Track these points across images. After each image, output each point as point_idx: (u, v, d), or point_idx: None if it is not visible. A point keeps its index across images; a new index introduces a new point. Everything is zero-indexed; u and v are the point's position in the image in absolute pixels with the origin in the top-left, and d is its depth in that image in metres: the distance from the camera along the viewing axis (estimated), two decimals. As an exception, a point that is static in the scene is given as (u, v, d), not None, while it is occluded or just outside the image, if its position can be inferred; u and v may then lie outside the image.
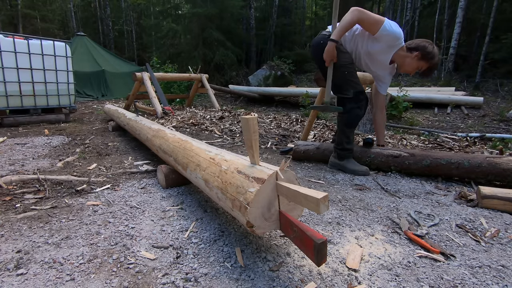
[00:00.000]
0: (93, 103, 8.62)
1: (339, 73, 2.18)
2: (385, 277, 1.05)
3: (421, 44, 2.09)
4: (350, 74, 2.20)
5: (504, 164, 1.90)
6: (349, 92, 2.19)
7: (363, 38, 2.16)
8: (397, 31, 2.03)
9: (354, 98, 2.19)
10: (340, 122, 2.32)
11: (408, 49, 2.11)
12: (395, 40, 2.06)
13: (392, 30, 2.02)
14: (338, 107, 2.22)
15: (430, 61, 2.09)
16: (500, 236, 1.36)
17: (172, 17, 14.45)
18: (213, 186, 1.24)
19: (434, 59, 2.08)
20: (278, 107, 8.50)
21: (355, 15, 2.00)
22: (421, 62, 2.10)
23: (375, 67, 2.26)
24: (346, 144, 2.30)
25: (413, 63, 2.12)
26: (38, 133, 3.86)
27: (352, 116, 2.24)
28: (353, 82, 2.21)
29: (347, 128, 2.29)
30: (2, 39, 4.13)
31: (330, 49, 2.08)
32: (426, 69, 2.13)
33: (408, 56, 2.12)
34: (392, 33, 2.02)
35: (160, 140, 2.08)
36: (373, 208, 1.66)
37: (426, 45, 2.08)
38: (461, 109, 6.43)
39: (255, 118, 1.04)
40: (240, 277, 1.03)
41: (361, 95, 2.22)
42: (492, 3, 8.52)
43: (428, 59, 2.08)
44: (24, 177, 1.97)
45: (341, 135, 2.32)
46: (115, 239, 1.28)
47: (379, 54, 2.15)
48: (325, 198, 0.87)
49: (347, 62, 2.19)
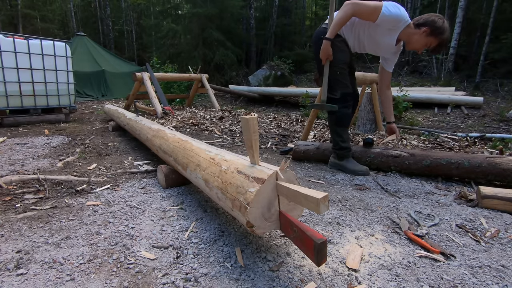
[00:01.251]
0: (93, 103, 8.61)
1: (331, 72, 2.17)
2: (385, 277, 1.05)
3: (429, 19, 1.96)
4: (341, 74, 2.19)
5: (504, 164, 1.90)
6: (336, 93, 2.19)
7: (364, 26, 2.12)
8: (397, 12, 1.95)
9: (341, 99, 2.19)
10: (331, 122, 2.33)
11: (416, 25, 2.00)
12: (398, 22, 1.99)
13: (392, 13, 1.94)
14: (333, 105, 2.22)
15: (439, 36, 1.96)
16: (500, 236, 1.36)
17: (172, 17, 14.45)
18: (213, 186, 1.24)
19: (444, 34, 1.96)
20: (278, 107, 8.50)
21: (349, 9, 1.97)
22: (430, 38, 1.99)
23: (381, 50, 2.22)
24: (342, 143, 2.30)
25: (421, 40, 2.01)
26: (38, 133, 3.86)
27: (340, 114, 2.23)
28: (342, 83, 2.19)
29: (338, 127, 2.29)
30: (2, 39, 4.13)
31: (325, 48, 2.07)
32: (436, 45, 2.02)
33: (416, 33, 2.01)
34: (393, 16, 1.95)
35: (160, 140, 2.08)
36: (373, 208, 1.66)
37: (435, 20, 1.95)
38: (461, 109, 6.42)
39: (255, 118, 1.04)
40: (240, 277, 1.03)
41: (348, 96, 2.21)
42: (492, 3, 8.51)
43: (437, 34, 1.96)
44: (24, 177, 1.97)
45: (334, 135, 2.33)
46: (115, 239, 1.28)
47: (384, 38, 2.09)
48: (325, 198, 0.86)
49: (342, 61, 2.17)
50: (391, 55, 2.27)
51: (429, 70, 9.84)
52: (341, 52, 2.17)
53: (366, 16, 2.01)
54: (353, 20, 2.14)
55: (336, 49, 2.12)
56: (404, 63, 10.48)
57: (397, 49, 2.22)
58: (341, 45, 2.19)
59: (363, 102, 3.91)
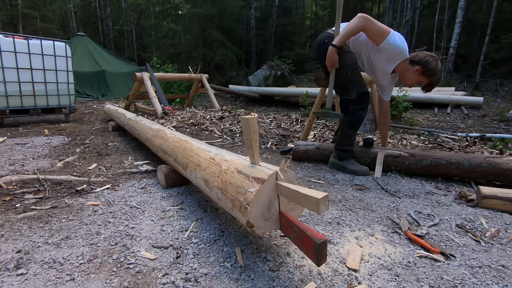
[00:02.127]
0: (93, 103, 8.62)
1: (342, 74, 2.14)
2: (385, 277, 1.05)
3: (424, 59, 2.02)
4: (353, 74, 2.16)
5: (504, 164, 1.91)
6: (352, 94, 2.16)
7: (367, 45, 2.12)
8: (400, 45, 1.98)
9: (357, 100, 2.16)
10: (344, 124, 2.28)
11: (411, 61, 2.05)
12: (398, 54, 2.01)
13: (396, 43, 1.97)
14: (338, 113, 2.20)
15: (430, 77, 2.04)
16: (500, 236, 1.36)
17: (172, 17, 14.45)
18: (213, 186, 1.24)
19: (435, 76, 2.02)
20: (278, 107, 8.50)
21: (362, 21, 1.95)
22: (421, 77, 2.06)
23: (377, 73, 2.23)
24: (347, 145, 2.29)
25: (413, 77, 2.08)
26: (38, 133, 3.86)
27: (356, 117, 2.20)
28: (356, 83, 2.17)
29: (351, 129, 2.26)
30: (2, 39, 4.13)
31: (330, 55, 2.05)
32: (426, 84, 2.09)
33: (409, 69, 2.07)
34: (395, 47, 1.98)
35: (160, 140, 2.08)
36: (373, 208, 1.66)
37: (429, 61, 2.01)
38: (461, 109, 6.42)
39: (255, 118, 1.04)
40: (240, 277, 1.03)
41: (364, 96, 2.18)
42: (492, 3, 8.51)
43: (428, 75, 2.03)
44: (24, 177, 1.97)
45: (343, 136, 2.29)
46: (115, 239, 1.28)
47: (381, 64, 2.12)
48: (325, 198, 0.86)
49: (351, 62, 2.15)
50: (387, 84, 2.29)
51: (429, 70, 9.83)
52: (348, 54, 2.15)
53: (373, 35, 2.00)
54: (359, 35, 2.13)
55: (342, 52, 2.09)
56: (404, 63, 10.45)
57: (392, 79, 2.25)
58: (347, 48, 2.18)
59: (363, 102, 3.90)
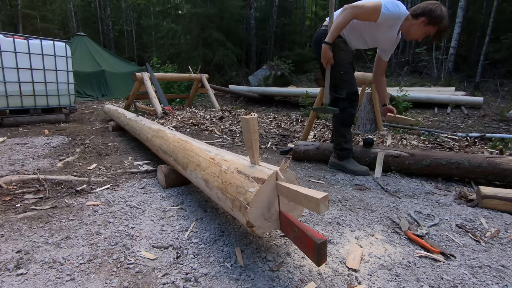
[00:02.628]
0: (93, 103, 8.62)
1: (335, 71, 2.18)
2: (385, 277, 1.05)
3: (427, 9, 1.96)
4: (346, 74, 2.20)
5: (504, 164, 1.90)
6: (342, 92, 2.20)
7: (365, 26, 2.13)
8: (396, 10, 1.97)
9: (347, 99, 2.20)
10: (335, 122, 2.33)
11: (414, 15, 2.01)
12: (397, 20, 2.02)
13: (391, 11, 1.96)
14: (334, 108, 2.22)
15: (438, 25, 1.97)
16: (500, 236, 1.36)
17: (172, 17, 14.45)
18: (213, 186, 1.24)
19: (442, 22, 1.96)
20: (278, 107, 8.50)
21: (348, 13, 1.98)
22: (428, 27, 2.00)
23: (382, 43, 2.24)
24: (344, 143, 2.30)
25: (420, 30, 2.02)
26: (38, 133, 3.86)
27: (346, 115, 2.24)
28: (347, 82, 2.20)
29: (342, 127, 2.29)
30: (2, 39, 4.13)
31: (324, 52, 2.08)
32: (435, 33, 2.03)
33: (414, 24, 2.02)
34: (392, 14, 1.97)
35: (160, 140, 2.08)
36: (373, 208, 1.66)
37: (432, 9, 1.95)
38: (461, 109, 6.42)
39: (255, 118, 1.04)
40: (240, 277, 1.03)
41: (354, 96, 2.22)
42: (492, 3, 8.51)
43: (436, 23, 1.97)
44: (24, 177, 1.97)
45: (337, 135, 2.33)
46: (115, 239, 1.28)
47: (385, 34, 2.11)
48: (325, 198, 0.86)
49: (346, 61, 2.18)
50: (390, 47, 2.30)
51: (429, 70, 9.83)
52: (343, 52, 2.17)
53: (366, 18, 2.03)
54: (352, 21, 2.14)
55: (338, 49, 2.13)
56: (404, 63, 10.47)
57: (396, 40, 2.24)
58: (343, 45, 2.19)
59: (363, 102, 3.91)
